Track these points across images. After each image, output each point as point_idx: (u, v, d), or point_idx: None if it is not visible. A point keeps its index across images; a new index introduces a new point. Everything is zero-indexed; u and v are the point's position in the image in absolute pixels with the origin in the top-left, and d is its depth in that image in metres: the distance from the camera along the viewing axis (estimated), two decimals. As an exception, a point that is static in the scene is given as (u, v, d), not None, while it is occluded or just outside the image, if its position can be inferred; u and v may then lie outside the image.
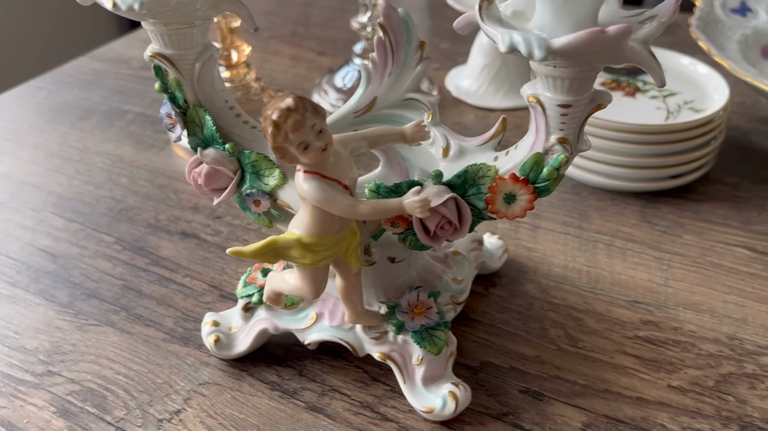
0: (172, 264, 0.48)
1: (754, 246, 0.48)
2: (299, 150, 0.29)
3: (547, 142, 0.32)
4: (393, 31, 0.38)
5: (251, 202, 0.37)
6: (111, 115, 0.67)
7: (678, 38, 0.80)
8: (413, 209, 0.30)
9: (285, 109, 0.28)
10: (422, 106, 0.39)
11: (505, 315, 0.43)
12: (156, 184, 0.56)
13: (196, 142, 0.37)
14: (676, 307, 0.44)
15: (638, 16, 0.31)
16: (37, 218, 0.53)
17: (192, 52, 0.35)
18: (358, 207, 0.30)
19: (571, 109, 0.31)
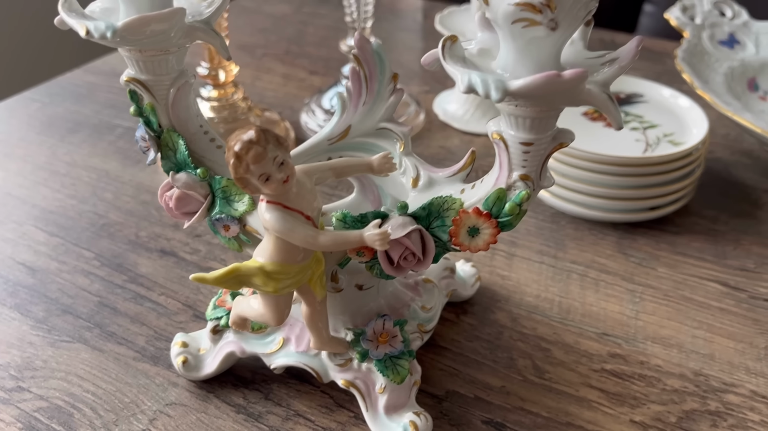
0: (148, 282, 0.48)
1: (727, 281, 0.49)
2: (260, 181, 0.29)
3: (509, 178, 0.33)
4: (367, 62, 0.38)
5: (221, 227, 0.37)
6: (101, 129, 0.67)
7: (667, 67, 0.81)
8: (373, 242, 0.31)
9: (247, 142, 0.29)
10: (395, 135, 0.40)
11: (474, 343, 0.44)
12: (139, 200, 0.57)
13: (168, 165, 0.37)
14: (645, 341, 0.44)
15: (600, 57, 0.32)
16: (20, 231, 0.53)
17: (167, 77, 0.36)
18: (318, 238, 0.31)
19: (533, 147, 0.32)
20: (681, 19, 0.73)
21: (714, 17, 0.75)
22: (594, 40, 0.88)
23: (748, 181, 0.60)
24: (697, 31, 0.73)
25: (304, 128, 0.68)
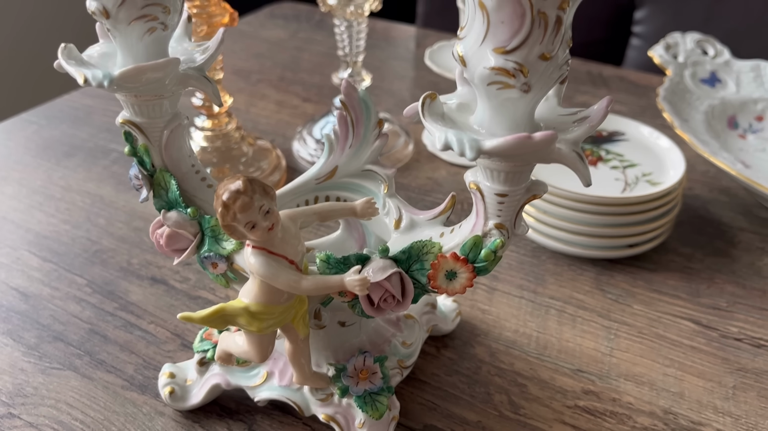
0: (139, 310, 0.50)
1: (699, 320, 0.50)
2: (247, 228, 0.31)
3: (485, 226, 0.35)
4: (353, 108, 0.40)
5: (209, 264, 0.38)
6: (96, 153, 0.69)
7: (651, 101, 0.83)
8: (353, 287, 0.32)
9: (234, 192, 0.30)
10: (379, 177, 0.42)
11: (453, 378, 0.45)
12: (132, 226, 0.58)
13: (160, 203, 0.39)
14: (618, 378, 0.45)
15: (573, 115, 0.33)
16: (14, 256, 0.54)
17: (161, 120, 0.38)
18: (301, 283, 0.32)
19: (508, 198, 0.34)
20: (664, 57, 0.76)
21: (696, 56, 0.77)
22: (582, 72, 0.90)
23: (724, 219, 0.62)
24: (680, 69, 0.75)
25: (295, 156, 0.70)
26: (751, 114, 0.74)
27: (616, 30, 0.99)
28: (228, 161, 0.62)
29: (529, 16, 0.28)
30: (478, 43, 0.30)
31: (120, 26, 0.34)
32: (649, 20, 0.96)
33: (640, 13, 0.97)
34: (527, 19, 0.28)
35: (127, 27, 0.34)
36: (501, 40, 0.29)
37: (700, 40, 0.78)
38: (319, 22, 1.05)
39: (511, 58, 0.29)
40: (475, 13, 0.29)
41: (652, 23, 0.96)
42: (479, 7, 0.29)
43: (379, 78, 0.86)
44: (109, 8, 0.33)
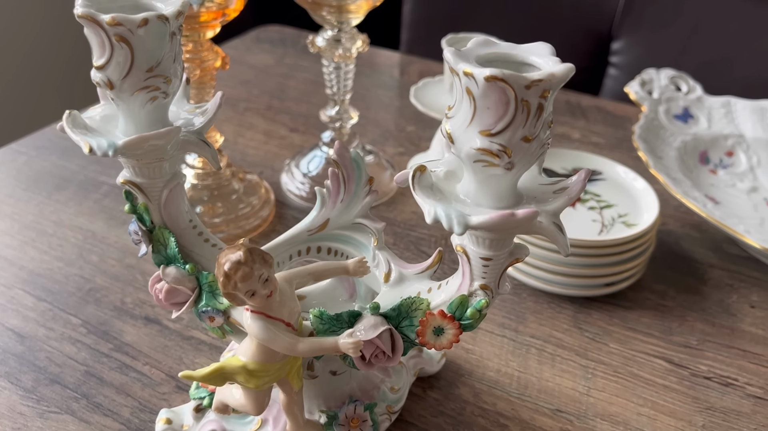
0: (133, 351, 0.51)
1: (671, 358, 0.53)
2: (247, 296, 0.33)
3: (471, 286, 0.37)
4: (345, 167, 0.42)
5: (206, 318, 0.40)
6: (87, 186, 0.70)
7: (628, 132, 0.86)
8: (347, 350, 0.34)
9: (235, 262, 0.32)
10: (369, 230, 0.44)
11: (439, 419, 0.47)
12: (125, 263, 0.60)
13: (159, 259, 0.41)
14: (594, 418, 0.48)
15: (553, 185, 0.36)
16: (8, 295, 0.55)
17: (161, 180, 0.39)
18: (297, 346, 0.34)
19: (492, 262, 0.36)
20: (640, 94, 0.78)
21: (670, 92, 0.80)
22: (561, 102, 0.93)
23: (695, 255, 0.65)
24: (654, 106, 0.78)
25: (284, 189, 0.71)
26: (721, 149, 0.77)
27: (595, 60, 1.02)
28: (219, 199, 0.63)
29: (513, 103, 0.30)
30: (465, 124, 0.32)
31: (123, 96, 0.36)
32: (626, 51, 0.99)
33: (617, 44, 1.00)
34: (511, 106, 0.30)
35: (131, 97, 0.36)
36: (487, 123, 0.31)
37: (674, 76, 0.81)
38: (304, 47, 1.07)
39: (496, 140, 0.31)
40: (463, 97, 0.31)
41: (628, 54, 0.99)
42: (466, 93, 0.31)
43: (365, 107, 0.88)
44: (113, 80, 0.35)
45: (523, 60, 0.33)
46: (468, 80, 0.31)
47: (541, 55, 0.33)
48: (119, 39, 0.34)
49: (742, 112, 0.79)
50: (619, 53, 1.00)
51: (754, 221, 0.68)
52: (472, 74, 0.30)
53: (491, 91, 0.30)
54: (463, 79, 0.31)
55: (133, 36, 0.34)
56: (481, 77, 0.30)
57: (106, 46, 0.34)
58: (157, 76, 0.36)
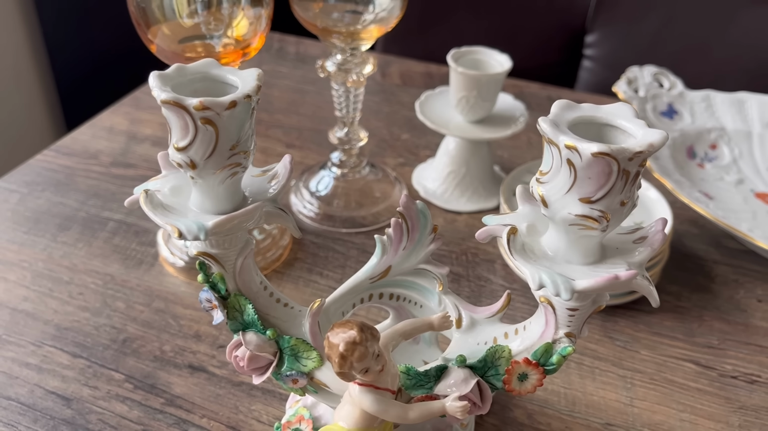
0: (186, 404, 0.50)
1: (698, 360, 0.56)
2: (361, 373, 0.33)
3: (556, 334, 0.38)
4: (410, 218, 0.42)
5: (290, 381, 0.40)
6: (91, 224, 0.68)
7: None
8: (455, 412, 0.35)
9: (351, 343, 0.32)
10: (433, 276, 0.44)
11: (500, 444, 0.49)
12: (153, 308, 0.58)
13: (236, 326, 0.40)
14: (642, 428, 0.51)
15: (631, 234, 0.37)
16: (40, 354, 0.54)
17: (236, 249, 0.39)
18: (408, 415, 0.35)
19: (578, 312, 0.37)
20: (627, 93, 0.81)
21: (654, 89, 0.83)
22: (543, 97, 0.95)
23: (699, 252, 0.68)
24: (642, 104, 0.81)
25: (293, 211, 0.71)
26: (705, 143, 0.81)
27: (569, 53, 1.04)
28: (241, 232, 0.63)
29: (615, 174, 0.32)
30: (563, 191, 0.33)
31: (205, 174, 0.35)
32: (600, 44, 1.02)
33: (591, 37, 1.03)
34: (613, 176, 0.32)
35: (212, 175, 0.35)
36: (587, 192, 0.32)
37: (656, 72, 0.85)
38: (279, 50, 1.05)
39: (596, 207, 0.33)
40: (561, 165, 0.32)
41: (602, 47, 1.02)
42: (567, 164, 0.32)
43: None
44: (196, 161, 0.34)
45: (606, 122, 0.34)
46: (570, 152, 0.32)
47: (625, 118, 0.34)
48: (205, 122, 0.33)
49: (722, 105, 0.83)
50: (593, 46, 1.03)
51: (747, 214, 0.72)
52: (576, 148, 0.31)
53: (596, 163, 0.31)
54: (564, 151, 0.32)
55: (219, 117, 0.33)
56: (588, 152, 0.31)
57: (189, 129, 0.33)
58: (238, 153, 0.35)
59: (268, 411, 0.50)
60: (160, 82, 0.34)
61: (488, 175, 0.73)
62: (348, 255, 0.66)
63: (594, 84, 1.04)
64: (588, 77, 1.04)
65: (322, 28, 0.61)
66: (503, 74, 0.67)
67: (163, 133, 0.83)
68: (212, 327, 0.57)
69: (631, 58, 0.98)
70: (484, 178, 0.73)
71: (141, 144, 0.81)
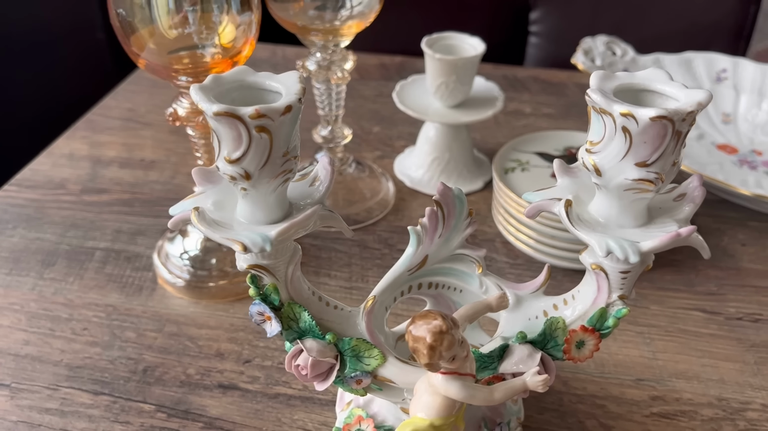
0: (227, 424, 0.49)
1: (704, 308, 0.59)
2: (448, 362, 0.33)
3: (609, 298, 0.39)
4: (447, 205, 0.43)
5: (353, 382, 0.40)
6: (77, 256, 0.64)
7: (570, 98, 0.92)
8: (536, 387, 0.36)
9: (438, 333, 0.32)
10: (471, 259, 0.45)
11: (545, 415, 0.50)
12: (166, 333, 0.56)
13: (292, 335, 0.40)
14: (670, 378, 0.53)
15: (669, 193, 0.39)
16: (58, 398, 0.51)
17: (286, 258, 0.38)
18: (494, 395, 0.35)
19: (630, 274, 0.39)
20: (586, 63, 0.84)
21: (609, 57, 0.86)
22: (498, 76, 0.97)
23: (679, 207, 0.72)
24: (601, 73, 0.83)
25: (284, 217, 0.70)
26: (663, 103, 0.85)
27: (516, 31, 1.07)
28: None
29: (669, 135, 0.33)
30: (618, 158, 0.34)
31: (259, 184, 0.34)
32: (544, 20, 1.05)
33: (535, 13, 1.06)
34: (668, 138, 0.33)
35: (266, 185, 0.34)
36: (643, 156, 0.33)
37: (608, 41, 0.88)
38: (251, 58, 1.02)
39: (651, 169, 0.34)
40: (615, 134, 0.33)
41: (546, 22, 1.05)
42: (622, 131, 0.33)
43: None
44: (251, 171, 0.33)
45: (644, 87, 0.36)
46: (625, 119, 0.33)
47: (662, 82, 0.35)
48: (260, 130, 0.32)
49: (671, 65, 0.87)
50: (538, 22, 1.06)
51: (715, 166, 0.76)
52: (633, 114, 0.32)
53: (652, 128, 0.32)
54: (619, 118, 0.33)
55: (273, 124, 0.32)
56: (646, 117, 0.32)
57: (243, 139, 0.32)
58: (290, 159, 0.34)
59: (311, 418, 0.50)
60: (203, 95, 0.33)
61: (471, 158, 0.74)
62: (351, 253, 0.65)
63: (543, 59, 1.07)
64: (536, 53, 1.07)
65: (301, 27, 0.60)
66: (479, 57, 0.68)
67: (128, 154, 0.80)
68: (232, 343, 0.55)
69: (575, 31, 1.02)
70: (467, 160, 0.74)
71: (108, 167, 0.77)
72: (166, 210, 0.70)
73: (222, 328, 0.57)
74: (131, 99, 0.91)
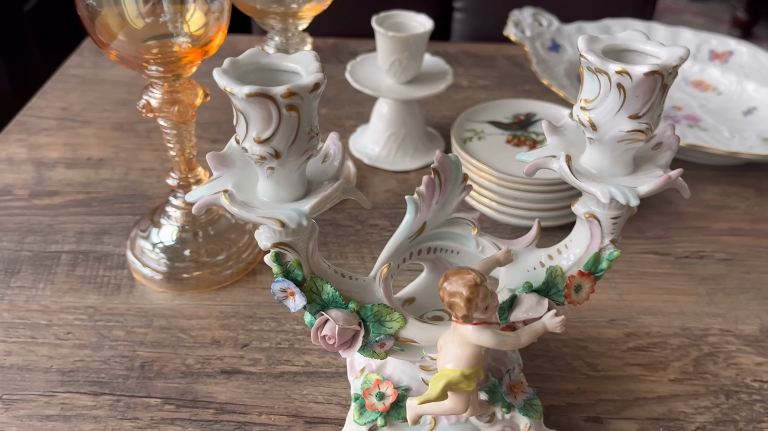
0: (239, 407, 0.50)
1: (656, 250, 0.65)
2: (482, 312, 0.36)
3: (602, 243, 0.43)
4: (444, 172, 0.45)
5: (377, 346, 0.42)
6: (42, 261, 0.62)
7: (503, 69, 0.96)
8: (554, 328, 0.39)
9: (473, 286, 0.35)
10: (466, 221, 0.48)
11: (536, 361, 0.54)
12: (156, 327, 0.56)
13: (315, 307, 0.41)
14: (639, 316, 0.58)
15: (648, 143, 0.43)
16: (57, 403, 0.50)
17: (306, 234, 0.39)
18: (521, 339, 0.38)
19: (620, 219, 0.42)
20: (518, 35, 0.88)
21: (537, 28, 0.91)
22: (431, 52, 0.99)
23: (618, 163, 0.77)
24: (532, 43, 0.88)
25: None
26: (589, 68, 0.90)
27: (442, 8, 1.10)
28: (217, 237, 0.61)
29: (659, 88, 0.37)
30: (612, 112, 0.38)
31: (287, 163, 0.35)
32: (467, -5, 1.09)
33: (458, -11, 1.09)
34: (656, 90, 0.37)
35: (293, 162, 0.35)
36: (635, 109, 0.37)
37: (534, 12, 0.93)
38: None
39: (643, 120, 0.37)
40: (610, 90, 0.37)
41: (470, -3, 1.09)
42: (617, 87, 0.37)
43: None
44: (280, 150, 0.34)
45: (626, 48, 0.39)
46: (620, 76, 0.36)
47: (641, 41, 0.39)
48: (290, 108, 0.33)
49: (593, 32, 0.93)
50: (462, -2, 1.10)
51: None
52: (627, 71, 0.36)
53: (644, 82, 0.36)
54: (614, 76, 0.36)
55: (302, 102, 0.33)
56: (640, 73, 0.35)
57: (273, 118, 0.33)
58: (314, 136, 0.36)
59: (320, 391, 0.51)
60: (228, 78, 0.33)
61: (424, 132, 0.77)
62: (325, 232, 0.67)
63: (469, 34, 1.11)
64: (462, 28, 1.11)
65: (260, 10, 0.60)
66: (428, 33, 0.71)
67: (73, 154, 0.77)
68: (226, 330, 0.56)
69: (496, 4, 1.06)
70: (421, 135, 0.77)
71: (53, 169, 0.74)
72: (127, 207, 0.69)
73: (212, 317, 0.57)
74: (62, 98, 0.87)
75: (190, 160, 0.58)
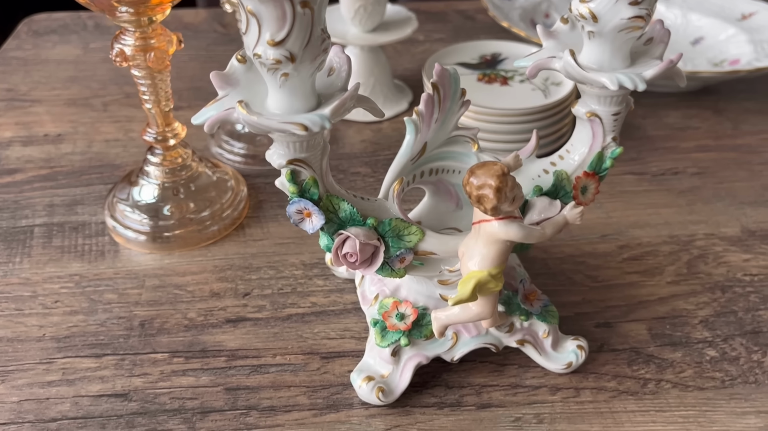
0: (251, 352, 0.48)
1: (632, 171, 0.67)
2: (509, 202, 0.36)
3: (605, 142, 0.44)
4: (443, 86, 0.45)
5: (397, 262, 0.41)
6: (15, 236, 0.59)
7: (456, 23, 0.97)
8: (575, 220, 0.39)
9: (501, 175, 0.35)
10: (466, 138, 0.47)
11: (539, 279, 0.55)
12: (150, 287, 0.54)
13: (333, 227, 0.40)
14: (628, 229, 0.60)
15: (639, 39, 0.44)
16: (57, 369, 0.47)
17: (320, 150, 0.38)
18: (546, 232, 0.38)
19: (620, 115, 0.43)
20: (470, -16, 0.89)
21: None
22: None
23: (582, 97, 0.79)
24: (485, -9, 0.89)
25: (223, 160, 0.68)
26: (540, 13, 0.92)
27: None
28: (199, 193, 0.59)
29: (656, -28, 0.37)
30: (612, 2, 0.38)
31: (302, 67, 0.34)
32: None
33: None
34: (654, -26, 0.37)
35: (308, 66, 0.34)
36: (634, -6, 0.38)
37: (483, -38, 0.93)
38: (97, 26, 0.96)
39: (643, 6, 0.38)
40: (610, -20, 0.37)
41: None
42: (617, -25, 0.37)
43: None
44: (295, 52, 0.33)
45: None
46: (622, -37, 0.37)
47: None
48: (303, 5, 0.32)
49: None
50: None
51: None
52: (627, -45, 0.36)
53: (644, -35, 0.37)
54: (616, -37, 0.37)
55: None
56: (640, -45, 0.36)
57: (287, 17, 0.32)
58: (326, 38, 0.35)
59: (331, 328, 0.50)
60: (236, -22, 0.32)
61: (391, 82, 0.77)
62: (307, 182, 0.65)
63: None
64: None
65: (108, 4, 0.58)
66: (390, -24, 0.70)
67: (27, 132, 0.73)
68: (224, 282, 0.54)
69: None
70: (389, 84, 0.76)
71: (9, 148, 0.70)
72: (96, 177, 0.66)
73: (207, 271, 0.55)
74: (6, 80, 0.83)
75: (167, 113, 0.56)
